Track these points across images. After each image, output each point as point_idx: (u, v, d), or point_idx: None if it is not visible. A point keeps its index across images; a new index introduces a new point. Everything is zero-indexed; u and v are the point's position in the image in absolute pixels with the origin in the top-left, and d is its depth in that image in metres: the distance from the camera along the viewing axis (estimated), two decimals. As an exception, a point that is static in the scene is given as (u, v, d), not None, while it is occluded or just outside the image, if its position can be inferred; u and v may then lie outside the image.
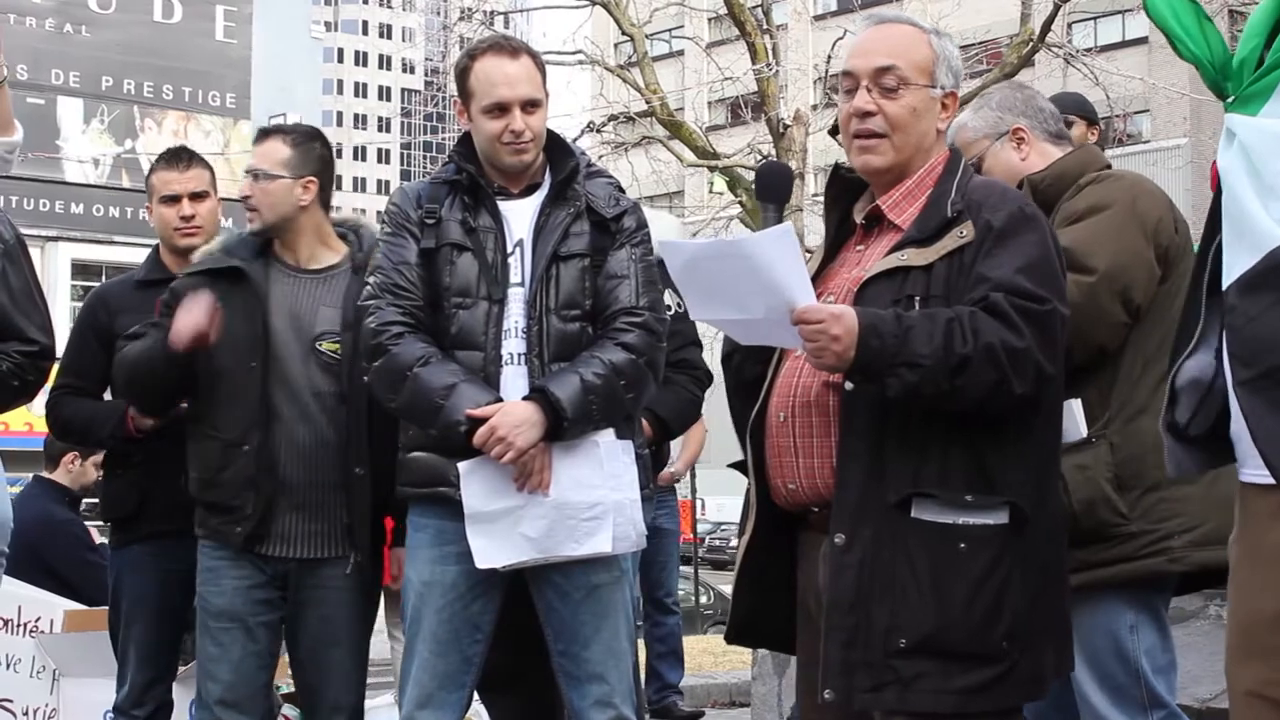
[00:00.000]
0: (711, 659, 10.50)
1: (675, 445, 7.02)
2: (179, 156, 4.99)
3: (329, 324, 4.36)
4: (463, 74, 3.99)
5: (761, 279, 2.97)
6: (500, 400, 3.80)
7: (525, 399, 3.80)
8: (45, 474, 7.82)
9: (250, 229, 4.50)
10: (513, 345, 3.90)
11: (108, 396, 4.94)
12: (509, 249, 3.94)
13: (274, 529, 4.31)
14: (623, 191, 4.11)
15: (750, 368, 3.30)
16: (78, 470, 7.78)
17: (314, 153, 4.49)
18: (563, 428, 3.79)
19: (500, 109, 3.91)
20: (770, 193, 3.52)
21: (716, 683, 9.14)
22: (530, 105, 3.93)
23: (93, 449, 7.57)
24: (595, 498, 3.84)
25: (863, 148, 3.20)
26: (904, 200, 3.21)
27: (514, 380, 3.86)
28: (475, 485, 3.81)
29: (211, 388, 4.38)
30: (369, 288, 3.95)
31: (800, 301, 2.96)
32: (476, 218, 3.94)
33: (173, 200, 4.89)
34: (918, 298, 3.03)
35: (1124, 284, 3.66)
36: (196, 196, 4.89)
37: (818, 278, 3.24)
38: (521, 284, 3.92)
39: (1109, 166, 4.03)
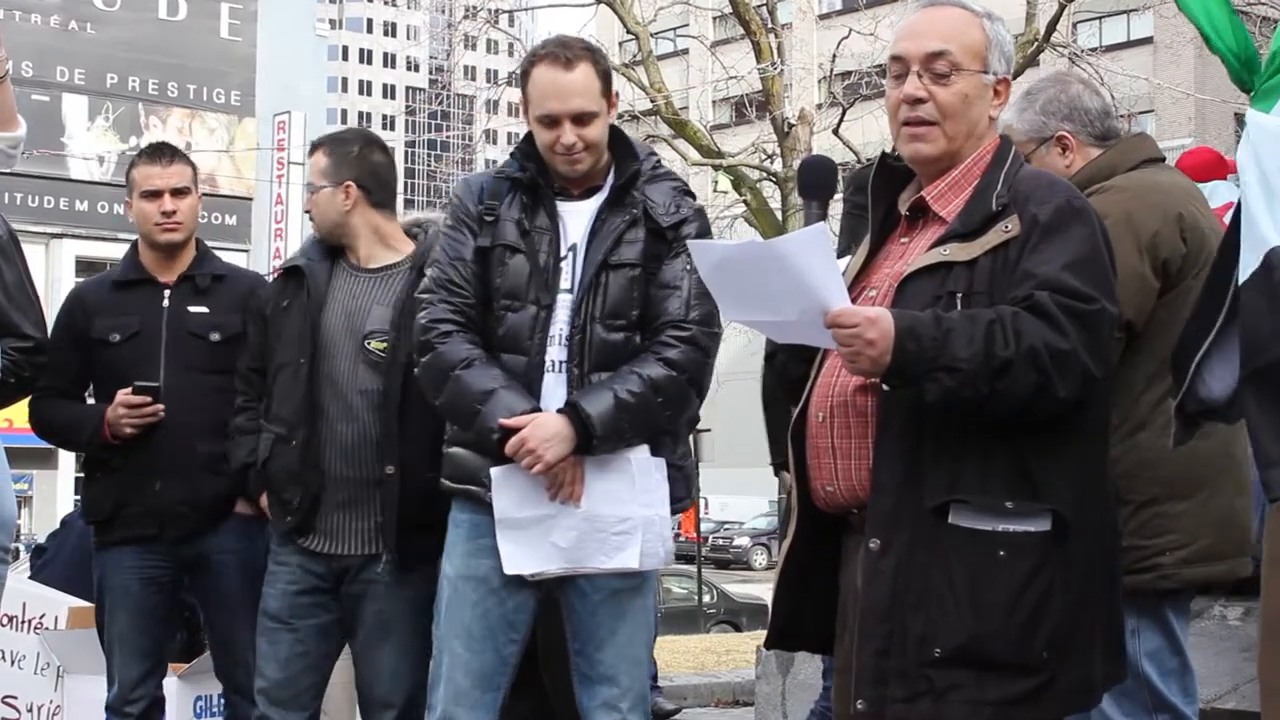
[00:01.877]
0: (715, 658, 10.52)
1: None
2: (161, 152, 4.96)
3: (379, 323, 4.36)
4: (524, 78, 3.95)
5: (794, 281, 2.86)
6: (538, 409, 3.77)
7: (558, 412, 3.77)
8: None
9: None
10: (555, 352, 3.85)
11: (90, 399, 4.93)
12: (562, 253, 3.89)
13: (321, 525, 4.34)
14: (691, 196, 4.02)
15: (795, 367, 3.20)
16: None
17: (349, 156, 4.49)
18: (592, 444, 3.76)
19: (551, 121, 3.86)
20: (813, 189, 3.36)
21: (720, 682, 9.15)
22: (583, 118, 3.85)
23: (69, 450, 7.62)
24: (626, 512, 3.81)
25: (913, 135, 3.08)
26: (949, 191, 3.09)
27: (554, 388, 3.83)
28: (507, 491, 3.80)
29: (273, 380, 4.46)
30: (426, 280, 3.95)
31: (834, 304, 2.85)
32: (533, 219, 3.90)
33: (154, 195, 4.84)
34: (960, 294, 2.92)
35: None
36: (178, 192, 4.85)
37: (862, 271, 3.16)
38: (570, 290, 3.87)
39: (1158, 159, 3.91)
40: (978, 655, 2.86)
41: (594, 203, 3.93)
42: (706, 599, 25.13)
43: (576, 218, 3.92)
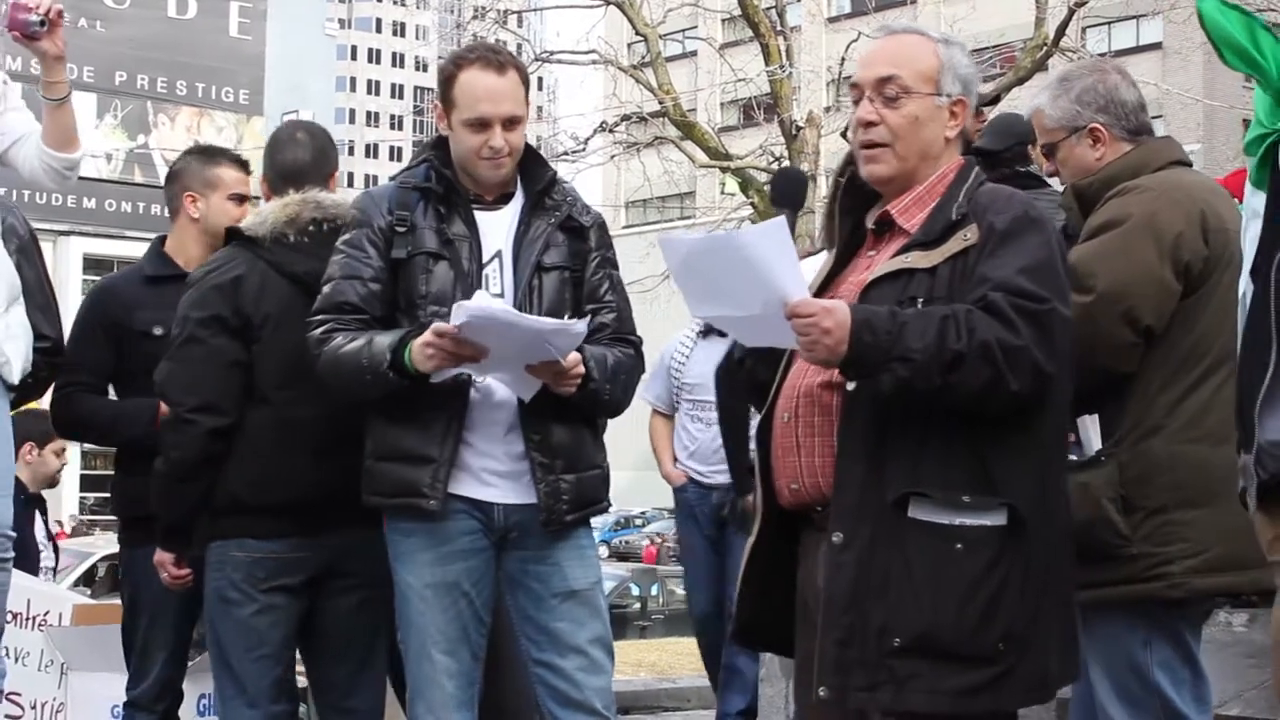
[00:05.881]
0: (719, 660, 10.49)
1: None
2: (243, 161, 5.05)
3: None
4: (447, 81, 3.94)
5: (756, 273, 2.98)
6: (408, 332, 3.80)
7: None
8: None
9: None
10: None
11: (112, 394, 4.92)
12: (485, 259, 3.92)
13: None
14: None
15: (762, 371, 3.31)
16: (36, 460, 7.69)
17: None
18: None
19: (482, 124, 3.88)
20: (785, 198, 3.51)
21: (723, 684, 9.12)
22: (512, 122, 3.91)
23: (108, 445, 7.60)
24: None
25: (868, 157, 3.22)
26: (914, 206, 3.21)
27: (495, 388, 3.86)
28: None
29: None
30: (320, 299, 3.93)
31: (793, 295, 2.97)
32: (451, 226, 3.92)
33: (241, 200, 4.92)
34: (920, 299, 3.03)
35: (1129, 305, 3.56)
36: (255, 200, 4.91)
37: (829, 283, 3.27)
38: (501, 295, 3.90)
39: (1182, 162, 3.86)
40: (936, 645, 2.97)
41: (511, 209, 3.98)
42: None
43: (494, 225, 3.96)
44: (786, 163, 18.80)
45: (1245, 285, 2.60)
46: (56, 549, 8.48)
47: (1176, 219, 3.65)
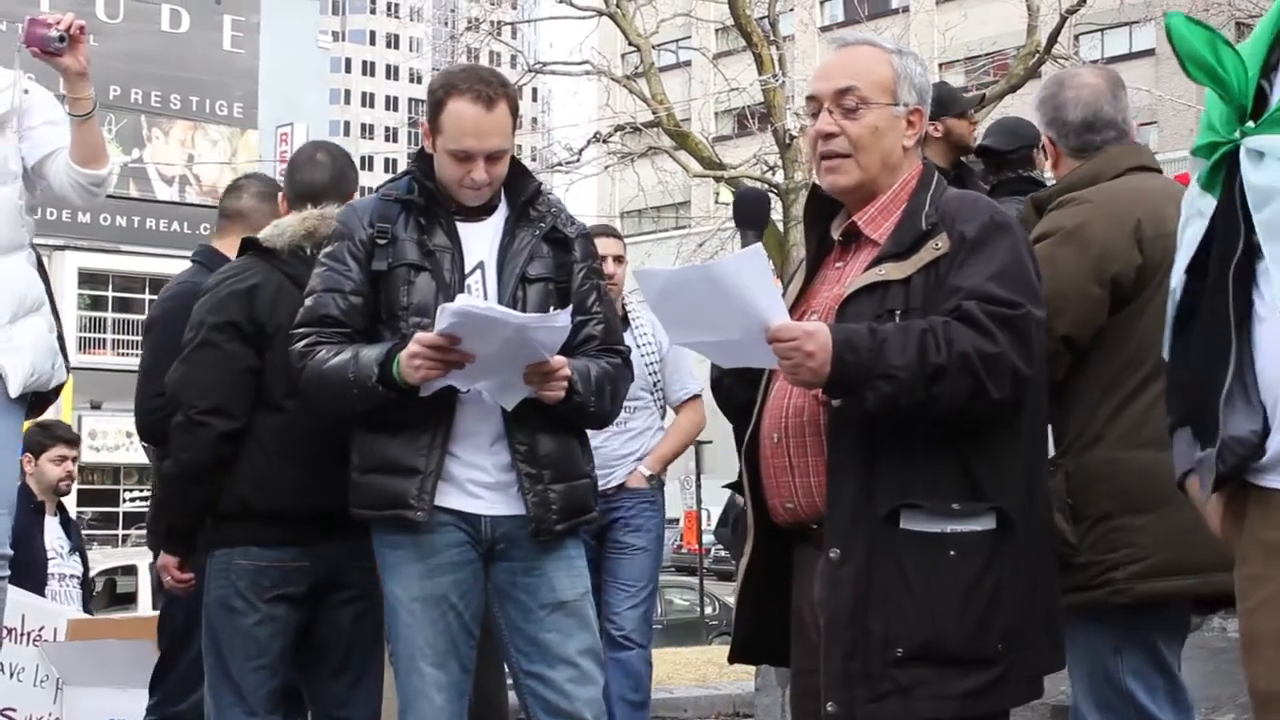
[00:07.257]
0: (715, 670, 10.50)
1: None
2: None
3: None
4: (436, 105, 3.94)
5: (735, 301, 3.02)
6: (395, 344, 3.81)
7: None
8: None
9: None
10: None
11: None
12: (467, 270, 3.93)
13: None
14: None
15: (741, 391, 3.36)
16: (34, 471, 7.84)
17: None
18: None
19: (466, 156, 3.89)
20: (749, 220, 3.56)
21: (720, 694, 9.13)
22: (496, 155, 3.91)
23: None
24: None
25: (828, 168, 3.25)
26: (879, 215, 3.24)
27: (476, 400, 3.86)
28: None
29: None
30: (302, 312, 3.95)
31: (774, 321, 3.01)
32: (432, 238, 3.93)
33: None
34: (898, 311, 3.07)
35: (1047, 314, 3.57)
36: None
37: (800, 297, 3.30)
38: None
39: (1146, 167, 3.88)
40: (938, 652, 3.01)
41: (495, 220, 4.00)
42: (708, 611, 25.10)
43: (476, 236, 3.97)
44: (781, 172, 18.83)
45: (1176, 281, 2.60)
46: (85, 558, 8.47)
47: (1108, 231, 3.68)
